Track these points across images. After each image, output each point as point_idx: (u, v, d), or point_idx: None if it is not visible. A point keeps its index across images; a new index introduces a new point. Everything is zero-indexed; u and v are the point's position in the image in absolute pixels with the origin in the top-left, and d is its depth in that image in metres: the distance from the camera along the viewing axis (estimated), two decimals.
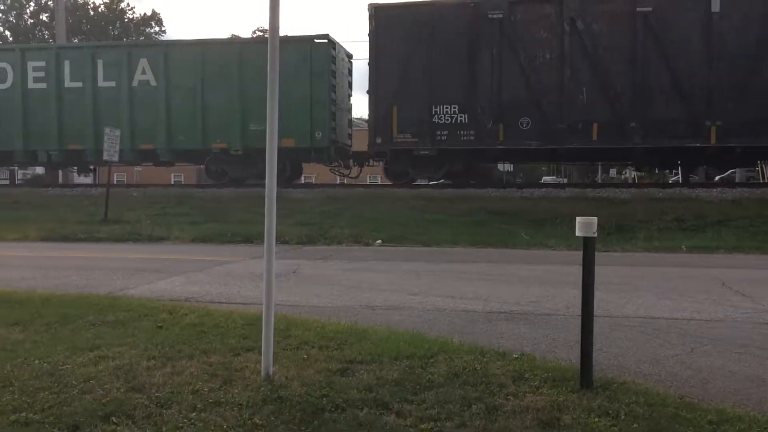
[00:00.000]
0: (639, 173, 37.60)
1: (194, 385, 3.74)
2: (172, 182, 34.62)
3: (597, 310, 3.95)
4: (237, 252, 10.97)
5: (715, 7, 15.65)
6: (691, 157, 17.21)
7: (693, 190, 15.91)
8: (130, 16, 56.81)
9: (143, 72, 18.92)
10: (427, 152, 17.37)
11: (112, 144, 15.17)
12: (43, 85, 19.13)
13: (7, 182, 25.00)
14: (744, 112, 15.57)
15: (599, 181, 30.85)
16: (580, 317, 3.79)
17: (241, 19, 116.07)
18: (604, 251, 10.46)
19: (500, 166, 28.25)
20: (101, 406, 3.44)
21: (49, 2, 47.47)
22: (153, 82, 18.83)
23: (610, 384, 3.76)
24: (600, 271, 4.05)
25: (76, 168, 23.02)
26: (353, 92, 21.32)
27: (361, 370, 4.00)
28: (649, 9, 16.01)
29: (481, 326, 5.47)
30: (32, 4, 53.97)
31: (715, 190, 16.20)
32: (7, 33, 53.44)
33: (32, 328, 5.09)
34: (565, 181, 30.45)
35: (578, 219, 3.72)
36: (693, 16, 15.90)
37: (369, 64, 17.62)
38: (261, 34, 50.66)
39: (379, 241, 12.29)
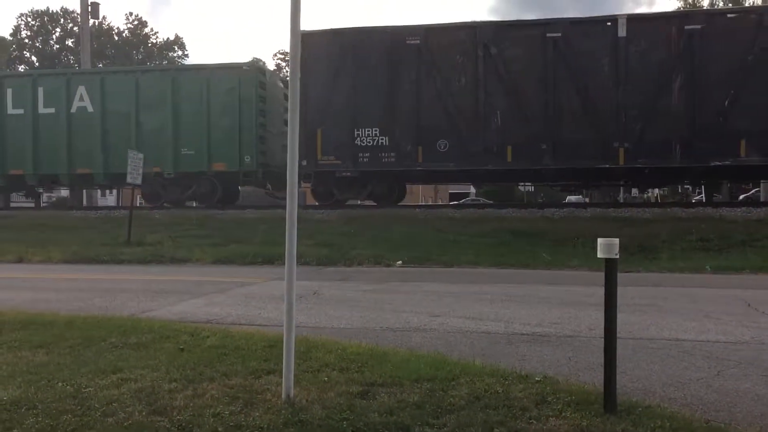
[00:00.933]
0: (662, 192, 37.30)
1: (215, 408, 3.74)
2: (194, 204, 34.85)
3: (620, 331, 3.91)
4: (258, 273, 11.02)
5: (622, 32, 16.16)
6: (602, 177, 17.75)
7: (717, 210, 15.72)
8: (154, 41, 57.81)
9: (81, 99, 19.65)
10: (349, 174, 17.98)
11: (135, 167, 15.35)
12: None
13: (32, 205, 25.38)
14: (650, 133, 16.04)
15: (621, 201, 30.65)
16: (603, 339, 3.75)
17: (262, 41, 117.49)
18: (627, 271, 10.37)
19: (521, 187, 28.29)
20: (123, 429, 3.46)
21: (75, 28, 48.42)
22: (90, 109, 19.54)
23: (634, 408, 3.70)
24: (623, 292, 4.01)
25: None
26: None
27: (382, 393, 3.98)
28: (559, 35, 16.59)
29: (502, 348, 5.43)
30: (58, 30, 55.17)
31: (739, 209, 16.01)
32: (34, 58, 54.61)
33: (56, 351, 5.14)
34: (587, 201, 30.33)
35: (599, 240, 3.69)
36: (601, 41, 16.39)
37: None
38: (282, 56, 51.25)
39: (399, 262, 12.27)
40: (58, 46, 55.13)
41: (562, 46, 16.56)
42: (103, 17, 54.63)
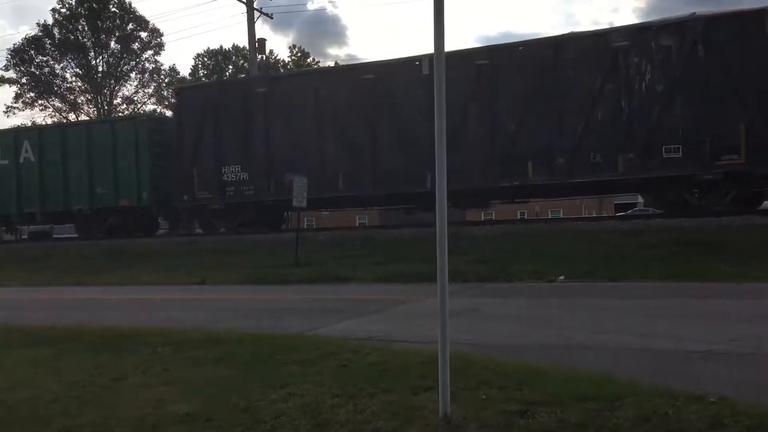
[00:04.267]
0: None
1: (375, 423, 3.83)
2: (357, 224, 36.12)
3: None
4: (417, 291, 11.12)
5: (425, 70, 17.78)
6: (415, 200, 19.21)
7: None
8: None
9: (26, 150, 23.51)
10: (218, 206, 20.85)
11: (300, 191, 16.15)
12: None
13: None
14: (454, 161, 15.05)
15: None
16: None
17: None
18: None
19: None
20: None
21: (245, 64, 51.97)
22: (32, 159, 23.38)
23: None
24: None
25: None
26: None
27: (542, 412, 3.87)
28: (373, 76, 18.83)
29: (673, 367, 5.09)
30: (231, 66, 59.50)
31: None
32: None
33: (231, 366, 5.50)
34: None
35: None
36: (409, 78, 18.19)
37: (176, 135, 21.44)
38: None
39: (561, 277, 11.90)
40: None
41: (378, 85, 18.67)
42: (270, 51, 58.25)
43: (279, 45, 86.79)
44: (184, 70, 60.54)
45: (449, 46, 17.66)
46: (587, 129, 16.52)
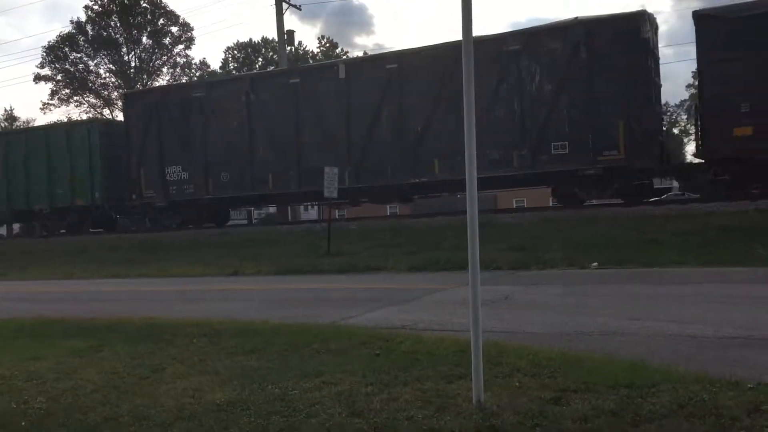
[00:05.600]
0: None
1: (409, 411, 3.86)
2: (388, 213, 36.13)
3: None
4: (449, 279, 11.12)
5: (342, 74, 19.34)
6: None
7: None
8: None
9: None
10: (162, 204, 22.21)
11: (331, 181, 16.22)
12: None
13: (245, 222, 27.81)
14: (370, 158, 19.06)
15: None
16: None
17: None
18: None
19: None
20: (325, 430, 3.68)
21: (275, 56, 52.17)
22: None
23: None
24: None
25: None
26: None
27: (576, 399, 3.86)
28: (297, 80, 20.31)
29: (710, 353, 5.03)
30: (260, 59, 59.76)
31: None
32: None
33: (265, 356, 5.58)
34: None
35: None
36: (328, 82, 19.64)
37: (125, 138, 22.84)
38: None
39: (595, 264, 11.78)
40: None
41: (301, 89, 19.99)
42: (299, 42, 58.33)
43: (307, 35, 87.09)
44: (215, 64, 60.98)
45: (416, 43, 18.75)
46: (485, 128, 16.90)
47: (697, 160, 17.55)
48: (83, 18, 50.50)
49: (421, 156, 18.39)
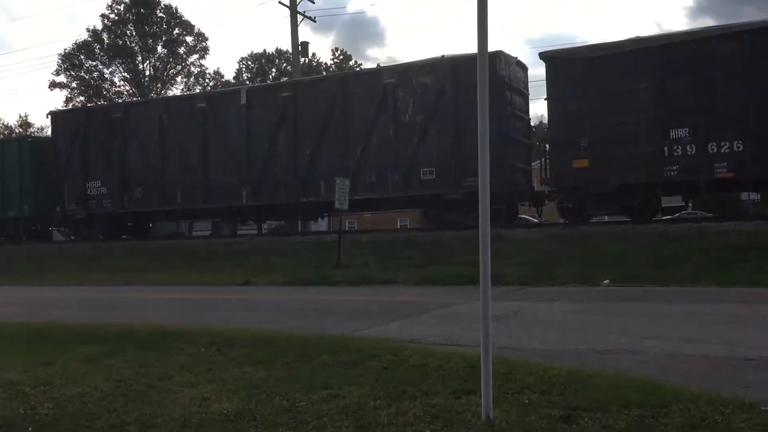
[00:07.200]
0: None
1: (417, 426, 3.82)
2: (398, 226, 36.15)
3: None
4: (459, 294, 11.07)
5: (243, 100, 21.05)
6: (236, 213, 22.22)
7: None
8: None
9: None
10: (82, 217, 23.74)
11: (342, 193, 16.21)
12: None
13: (255, 232, 27.75)
14: (268, 178, 20.73)
15: None
16: None
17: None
18: None
19: (744, 195, 26.82)
20: None
21: (288, 67, 52.45)
22: None
23: None
24: None
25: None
26: None
27: (586, 418, 3.81)
28: (204, 104, 21.98)
29: (723, 374, 4.96)
30: (274, 70, 60.09)
31: None
32: None
33: (274, 367, 5.55)
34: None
35: None
36: (231, 107, 21.31)
37: (53, 154, 24.34)
38: None
39: (606, 281, 11.69)
40: None
41: (208, 112, 21.62)
42: (313, 54, 58.63)
43: (319, 47, 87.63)
44: (229, 74, 61.45)
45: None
46: (365, 153, 19.20)
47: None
48: (99, 26, 51.07)
49: (310, 178, 19.97)
